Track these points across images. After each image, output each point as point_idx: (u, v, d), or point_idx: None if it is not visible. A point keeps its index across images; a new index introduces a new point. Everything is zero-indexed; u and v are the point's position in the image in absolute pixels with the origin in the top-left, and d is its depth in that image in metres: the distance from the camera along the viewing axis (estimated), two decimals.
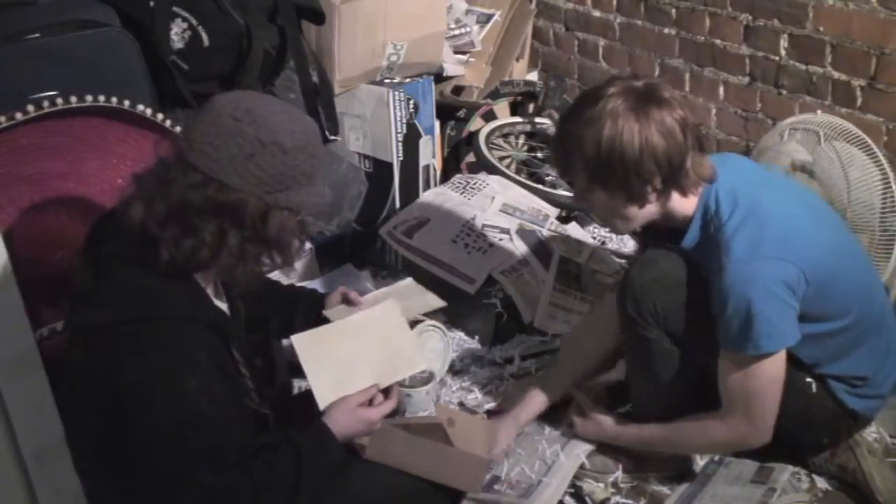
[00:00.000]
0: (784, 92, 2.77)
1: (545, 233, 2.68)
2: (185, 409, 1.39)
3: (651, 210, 1.71)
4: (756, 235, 1.62)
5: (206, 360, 1.43)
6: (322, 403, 1.63)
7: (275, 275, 2.63)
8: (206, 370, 1.42)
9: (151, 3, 2.28)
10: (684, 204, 1.71)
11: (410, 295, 2.16)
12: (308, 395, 1.68)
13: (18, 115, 1.91)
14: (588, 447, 1.96)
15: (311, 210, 1.53)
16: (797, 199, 1.76)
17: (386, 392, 1.69)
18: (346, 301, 1.97)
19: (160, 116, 2.09)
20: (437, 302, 2.13)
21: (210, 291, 1.55)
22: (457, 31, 3.20)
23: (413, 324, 2.30)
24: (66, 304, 1.51)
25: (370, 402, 1.64)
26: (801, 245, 1.63)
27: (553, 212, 2.79)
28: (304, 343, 1.71)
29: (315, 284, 2.69)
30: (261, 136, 1.41)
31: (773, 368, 1.66)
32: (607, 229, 2.96)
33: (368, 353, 1.74)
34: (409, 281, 2.28)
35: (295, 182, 1.46)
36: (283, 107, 1.50)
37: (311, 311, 1.91)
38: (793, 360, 1.70)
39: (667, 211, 1.72)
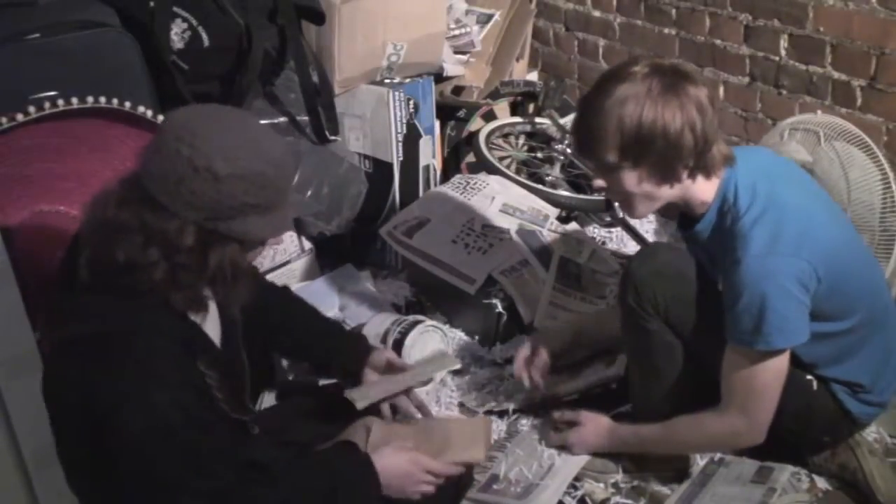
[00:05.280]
0: (784, 92, 2.77)
1: (545, 233, 2.68)
2: (159, 423, 1.35)
3: (674, 192, 1.69)
4: (774, 230, 1.61)
5: (172, 374, 1.38)
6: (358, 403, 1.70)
7: (275, 274, 2.66)
8: (173, 383, 1.38)
9: (151, 4, 2.28)
10: (705, 188, 1.70)
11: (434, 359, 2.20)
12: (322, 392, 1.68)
13: (19, 117, 1.91)
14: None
15: (255, 240, 1.45)
16: (814, 195, 1.76)
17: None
18: (390, 367, 1.87)
19: (160, 117, 2.09)
20: (452, 363, 2.18)
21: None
22: (457, 31, 3.20)
23: (413, 324, 2.31)
24: (41, 317, 1.48)
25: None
26: (817, 242, 1.63)
27: (553, 212, 2.79)
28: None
29: (315, 285, 2.69)
30: (195, 159, 1.32)
31: (778, 366, 1.66)
32: (607, 229, 2.97)
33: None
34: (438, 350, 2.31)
35: (237, 212, 1.37)
36: (242, 128, 1.39)
37: (353, 369, 1.86)
38: (793, 359, 1.70)
39: (688, 194, 1.70)
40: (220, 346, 1.58)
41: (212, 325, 1.56)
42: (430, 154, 2.91)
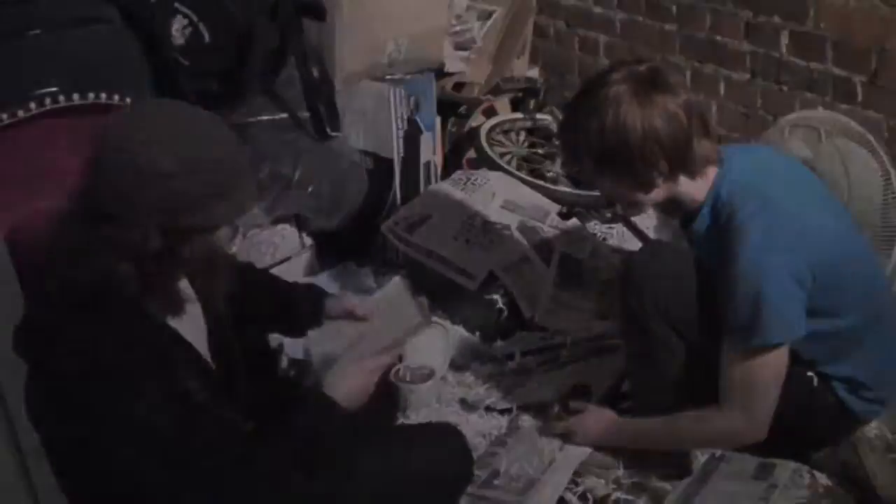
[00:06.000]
0: (785, 88, 2.77)
1: (546, 229, 2.68)
2: (146, 431, 1.34)
3: (659, 194, 1.71)
4: (770, 227, 1.61)
5: (152, 385, 1.36)
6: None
7: (276, 271, 2.65)
8: (155, 393, 1.36)
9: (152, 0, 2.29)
10: (693, 188, 1.70)
11: (397, 304, 1.95)
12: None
13: (20, 113, 1.91)
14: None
15: (228, 223, 1.43)
16: (812, 192, 1.76)
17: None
18: (350, 316, 1.84)
19: None
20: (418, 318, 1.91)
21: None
22: (458, 28, 3.20)
23: None
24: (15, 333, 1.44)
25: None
26: (813, 239, 1.63)
27: (554, 208, 2.79)
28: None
29: (316, 281, 2.68)
30: (140, 165, 1.30)
31: (777, 362, 1.66)
32: (608, 225, 2.97)
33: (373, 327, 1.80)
34: (396, 282, 2.02)
35: (195, 203, 1.34)
36: (175, 121, 1.37)
37: (313, 315, 1.84)
38: (793, 356, 1.70)
39: (675, 195, 1.71)
40: (208, 344, 1.57)
41: (193, 327, 1.54)
42: (431, 150, 2.92)
